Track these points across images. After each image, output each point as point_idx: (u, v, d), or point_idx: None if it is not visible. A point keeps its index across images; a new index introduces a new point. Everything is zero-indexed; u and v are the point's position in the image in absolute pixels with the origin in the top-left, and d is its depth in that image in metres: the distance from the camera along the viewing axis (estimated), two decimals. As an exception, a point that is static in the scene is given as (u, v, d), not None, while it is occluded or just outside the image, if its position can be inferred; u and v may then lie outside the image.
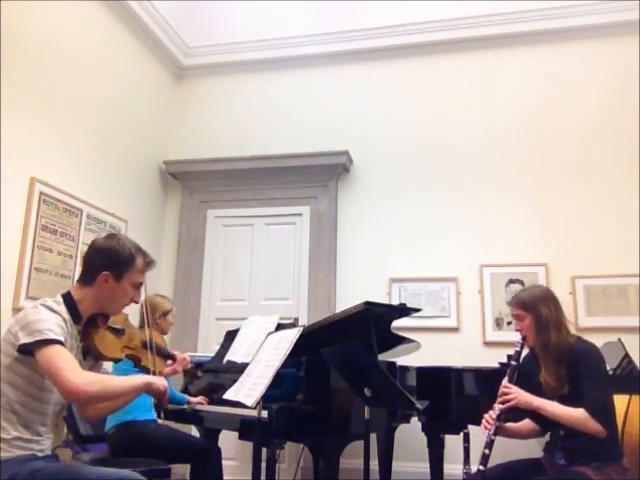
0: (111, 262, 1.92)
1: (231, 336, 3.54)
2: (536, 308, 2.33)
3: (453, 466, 3.32)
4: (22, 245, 3.39)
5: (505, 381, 2.31)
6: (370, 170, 4.71)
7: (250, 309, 4.49)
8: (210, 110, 5.16)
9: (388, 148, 4.70)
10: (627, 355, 3.30)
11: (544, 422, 2.35)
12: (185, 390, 3.50)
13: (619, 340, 3.37)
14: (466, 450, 2.38)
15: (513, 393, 2.26)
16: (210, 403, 3.18)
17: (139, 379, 1.89)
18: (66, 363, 1.70)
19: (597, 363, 2.24)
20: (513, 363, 2.34)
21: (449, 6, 4.62)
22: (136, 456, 2.79)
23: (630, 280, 4.01)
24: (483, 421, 2.30)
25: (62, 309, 1.85)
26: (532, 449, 2.69)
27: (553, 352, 2.27)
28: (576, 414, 2.15)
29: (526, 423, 2.44)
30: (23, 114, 3.44)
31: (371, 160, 4.72)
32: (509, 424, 2.37)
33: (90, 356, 1.98)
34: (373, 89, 4.85)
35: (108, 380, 1.84)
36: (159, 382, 1.90)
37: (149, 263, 2.02)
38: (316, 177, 4.74)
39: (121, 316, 2.09)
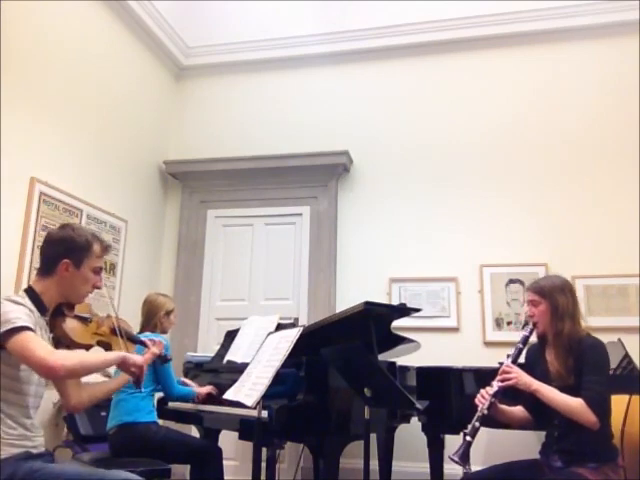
0: (69, 250, 1.95)
1: (231, 336, 3.54)
2: (554, 297, 2.35)
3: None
4: (22, 245, 3.39)
5: (508, 361, 2.32)
6: (370, 170, 4.71)
7: (250, 309, 4.48)
8: (210, 110, 5.16)
9: (388, 148, 4.70)
10: (627, 355, 3.30)
11: (537, 412, 2.35)
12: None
13: (619, 340, 3.37)
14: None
15: (514, 373, 2.27)
16: (211, 403, 3.17)
17: (114, 354, 1.94)
18: (38, 345, 1.73)
19: (602, 358, 2.27)
20: (519, 346, 2.36)
21: (449, 6, 4.62)
22: (136, 456, 2.78)
23: (630, 280, 4.01)
24: (478, 395, 2.30)
25: (27, 302, 1.87)
26: (530, 450, 2.68)
27: (565, 342, 2.29)
28: (573, 402, 2.15)
29: (519, 409, 2.44)
30: (23, 114, 3.44)
31: (371, 160, 4.72)
32: (502, 406, 2.37)
33: (62, 346, 1.99)
34: (373, 89, 4.85)
35: (83, 355, 1.87)
36: (134, 357, 1.94)
37: (106, 247, 2.07)
38: (316, 177, 4.74)
39: (84, 306, 2.11)
